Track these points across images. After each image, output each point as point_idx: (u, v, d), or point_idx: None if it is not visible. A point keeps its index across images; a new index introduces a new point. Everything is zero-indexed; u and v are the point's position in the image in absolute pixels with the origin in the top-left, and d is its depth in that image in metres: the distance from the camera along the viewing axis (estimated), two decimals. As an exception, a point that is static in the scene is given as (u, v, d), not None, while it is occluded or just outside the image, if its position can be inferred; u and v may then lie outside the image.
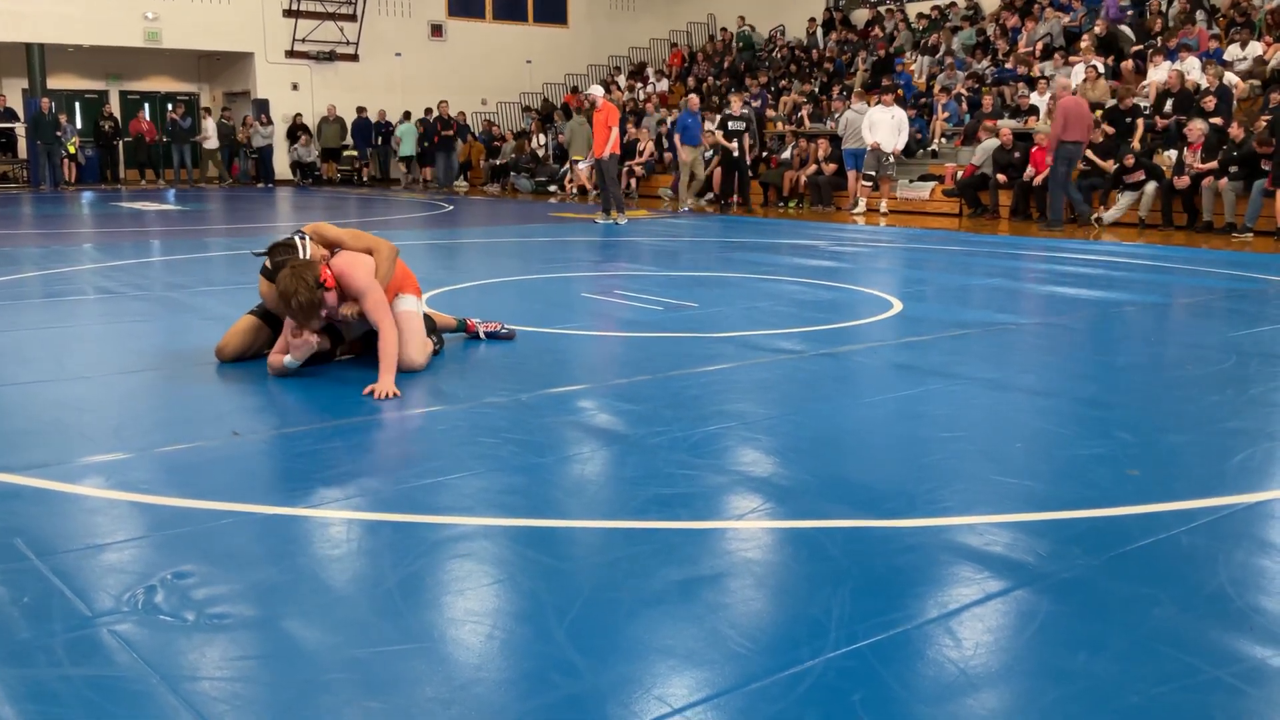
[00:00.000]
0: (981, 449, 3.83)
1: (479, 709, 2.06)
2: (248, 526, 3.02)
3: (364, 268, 4.79)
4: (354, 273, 4.75)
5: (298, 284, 4.56)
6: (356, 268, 4.78)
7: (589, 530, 3.02)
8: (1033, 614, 2.49)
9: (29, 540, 2.88)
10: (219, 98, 26.09)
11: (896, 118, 15.49)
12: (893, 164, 15.61)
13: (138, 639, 2.32)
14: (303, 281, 4.57)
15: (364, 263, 4.83)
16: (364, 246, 4.99)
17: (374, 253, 4.96)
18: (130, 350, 5.48)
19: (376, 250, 4.98)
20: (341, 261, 4.81)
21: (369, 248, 4.99)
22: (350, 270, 4.76)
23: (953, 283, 8.63)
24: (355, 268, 4.77)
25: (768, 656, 2.27)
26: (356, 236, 5.05)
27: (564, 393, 4.63)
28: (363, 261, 4.83)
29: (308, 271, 4.61)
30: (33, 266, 9.08)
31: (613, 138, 13.81)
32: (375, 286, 4.76)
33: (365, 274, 4.77)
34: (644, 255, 10.79)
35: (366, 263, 4.84)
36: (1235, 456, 3.71)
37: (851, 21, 23.93)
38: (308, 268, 4.63)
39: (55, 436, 3.92)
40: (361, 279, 4.74)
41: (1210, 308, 7.39)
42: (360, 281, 4.73)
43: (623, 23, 28.59)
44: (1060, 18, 18.37)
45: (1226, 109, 13.52)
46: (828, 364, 5.31)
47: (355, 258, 4.85)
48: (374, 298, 4.73)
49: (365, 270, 4.78)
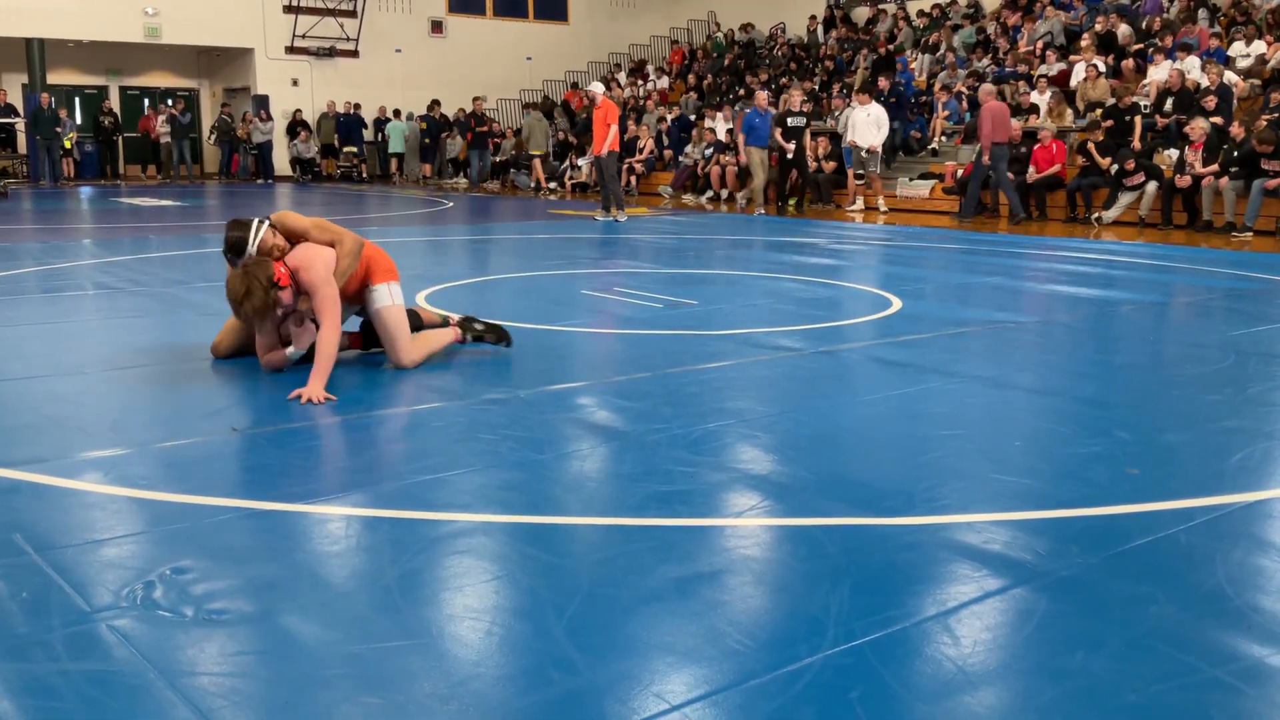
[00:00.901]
0: (980, 447, 3.83)
1: (477, 705, 2.06)
2: (246, 522, 3.02)
3: (322, 263, 4.64)
4: (311, 267, 4.60)
5: (248, 285, 4.46)
6: (315, 262, 4.62)
7: (588, 527, 3.02)
8: (1031, 612, 2.49)
9: (28, 535, 2.88)
10: (219, 93, 26.09)
11: (873, 115, 15.66)
12: (877, 160, 15.72)
13: (136, 634, 2.32)
14: (255, 282, 4.46)
15: (323, 258, 4.67)
16: (328, 239, 4.82)
17: (337, 245, 4.80)
18: (129, 345, 5.48)
19: (340, 243, 4.81)
20: (300, 256, 4.66)
21: (332, 240, 4.82)
22: (308, 265, 4.61)
23: (952, 281, 8.63)
24: (314, 262, 4.62)
25: (766, 653, 2.27)
26: (321, 228, 4.85)
27: (563, 389, 4.63)
28: (322, 257, 4.67)
29: (260, 271, 4.50)
30: (31, 261, 9.07)
31: (612, 135, 13.80)
32: (328, 283, 4.60)
33: (322, 270, 4.61)
34: (644, 252, 10.79)
35: (326, 258, 4.68)
36: (1234, 455, 3.71)
37: (852, 19, 23.93)
38: (260, 267, 4.52)
39: (53, 432, 3.92)
40: (316, 275, 4.59)
41: (1209, 307, 7.39)
42: (314, 276, 4.58)
43: (623, 20, 28.59)
44: (1060, 16, 18.36)
45: (1227, 108, 13.51)
46: (827, 362, 5.31)
47: (314, 252, 4.69)
48: (323, 293, 4.57)
49: (323, 265, 4.63)
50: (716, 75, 23.53)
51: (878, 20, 22.80)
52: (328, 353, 4.46)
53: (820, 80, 20.86)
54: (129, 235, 11.86)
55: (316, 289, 4.58)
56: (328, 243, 4.82)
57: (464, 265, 9.72)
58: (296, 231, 4.84)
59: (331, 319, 4.55)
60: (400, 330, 4.95)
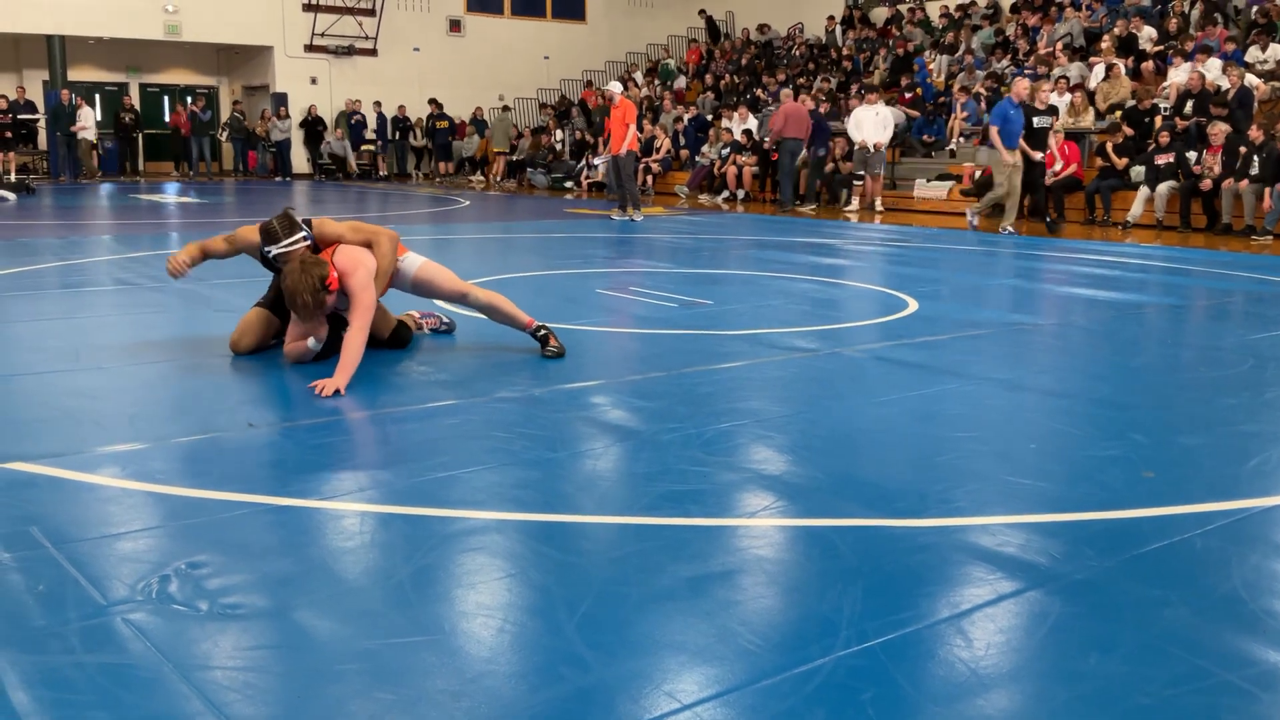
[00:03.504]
0: (995, 449, 3.81)
1: (489, 701, 2.06)
2: (261, 517, 3.04)
3: (365, 270, 4.79)
4: (355, 273, 4.74)
5: (305, 283, 4.59)
6: (359, 268, 4.77)
7: (601, 525, 3.03)
8: (1045, 615, 2.48)
9: (44, 529, 2.89)
10: (238, 91, 26.21)
11: (881, 115, 15.69)
12: (880, 160, 15.76)
13: (151, 628, 2.34)
14: (310, 281, 4.59)
15: (366, 265, 4.82)
16: (363, 240, 4.97)
17: (374, 246, 4.95)
18: (146, 341, 5.51)
19: (376, 244, 4.97)
20: (345, 260, 4.79)
21: (368, 240, 4.97)
22: (352, 270, 4.75)
23: (969, 282, 8.61)
24: (357, 268, 4.76)
25: (778, 654, 2.26)
26: (357, 229, 5.02)
27: (577, 388, 4.63)
28: (365, 264, 4.82)
29: (316, 270, 4.62)
30: (52, 257, 9.13)
31: (630, 135, 13.81)
32: (367, 289, 4.74)
33: (364, 276, 4.76)
34: (659, 252, 10.79)
35: (369, 265, 4.84)
36: (1251, 459, 3.69)
37: (870, 20, 23.87)
38: (317, 266, 4.64)
39: (71, 426, 3.95)
40: (358, 280, 4.73)
41: (1228, 310, 7.34)
42: (355, 282, 4.73)
43: (640, 19, 28.59)
44: (1080, 17, 18.28)
45: (1247, 111, 13.43)
46: (842, 362, 5.30)
47: (358, 258, 4.83)
48: (362, 299, 4.71)
49: (365, 273, 4.78)
50: (735, 75, 23.50)
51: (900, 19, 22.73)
52: (356, 354, 4.57)
53: (838, 80, 20.81)
54: (148, 231, 11.92)
55: (356, 295, 4.73)
56: (363, 243, 4.96)
57: (480, 263, 9.73)
58: (332, 237, 4.98)
59: (363, 322, 4.69)
60: (442, 271, 5.25)
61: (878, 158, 15.79)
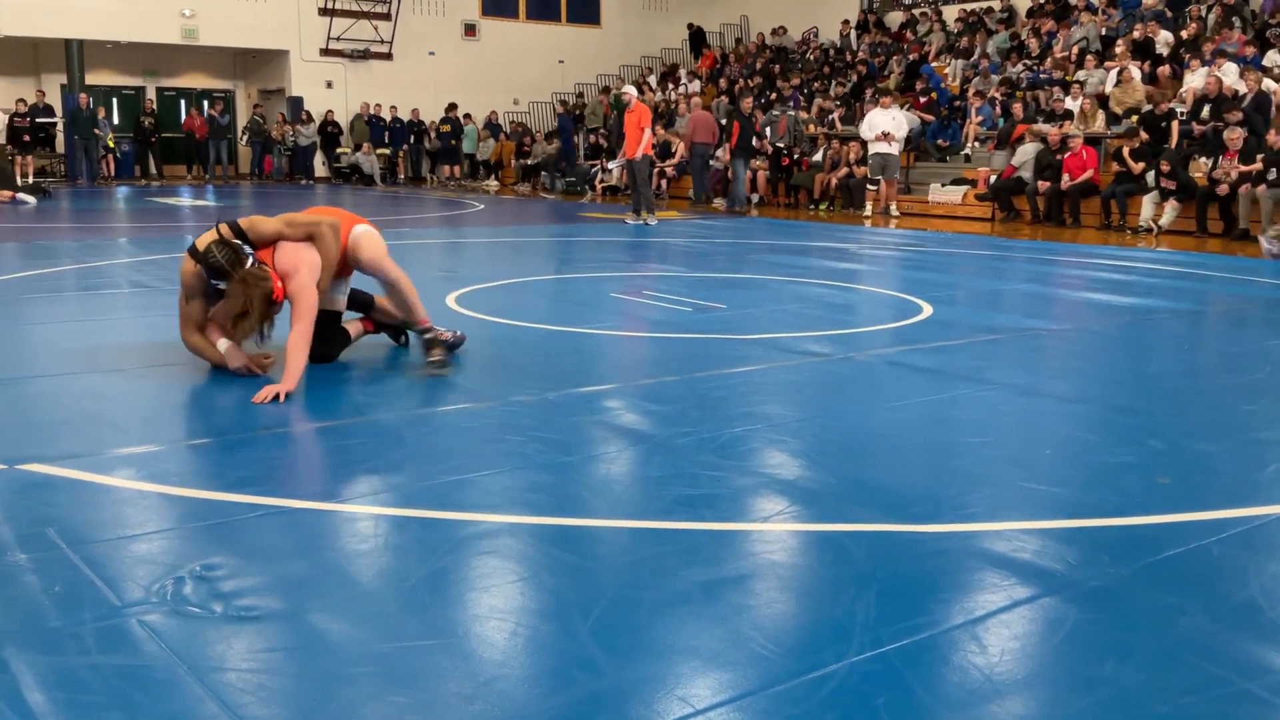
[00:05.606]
0: (1010, 455, 3.80)
1: (502, 705, 2.06)
2: (276, 520, 3.05)
3: (307, 269, 4.65)
4: (295, 274, 4.63)
5: (250, 299, 4.47)
6: (300, 268, 4.64)
7: (614, 530, 3.02)
8: (1060, 622, 2.47)
9: (61, 530, 2.91)
10: (254, 94, 26.32)
11: (896, 119, 15.68)
12: (895, 165, 15.75)
13: (166, 629, 2.35)
14: (258, 294, 4.48)
15: (309, 264, 4.67)
16: (302, 234, 4.79)
17: (316, 239, 4.78)
18: (162, 343, 5.53)
19: (318, 237, 4.78)
20: (286, 261, 4.67)
21: (308, 234, 4.79)
22: (293, 271, 4.63)
23: (984, 287, 8.58)
24: (298, 268, 4.64)
25: (791, 659, 2.26)
26: (292, 224, 4.81)
27: (591, 392, 4.63)
28: (307, 262, 4.67)
29: (259, 289, 4.50)
30: (69, 260, 9.18)
31: (645, 139, 13.81)
32: (308, 289, 4.61)
33: (306, 276, 4.63)
34: (673, 256, 10.79)
35: (311, 263, 4.69)
36: (1269, 466, 3.66)
37: (885, 24, 23.83)
38: (259, 283, 4.51)
39: (88, 428, 3.97)
40: (299, 281, 4.61)
41: (1245, 316, 7.30)
42: (296, 284, 4.61)
43: (655, 23, 28.61)
44: (1095, 20, 18.21)
45: (1264, 116, 13.35)
46: (856, 367, 5.29)
47: (298, 259, 4.68)
48: (303, 300, 4.59)
49: (308, 271, 4.65)
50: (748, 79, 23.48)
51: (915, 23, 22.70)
52: (300, 358, 4.46)
53: (852, 84, 20.78)
54: (165, 234, 11.98)
55: (296, 298, 4.61)
56: (304, 237, 4.79)
57: (494, 267, 9.75)
58: (270, 236, 4.79)
59: (305, 325, 4.57)
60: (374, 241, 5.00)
61: (892, 162, 15.78)
